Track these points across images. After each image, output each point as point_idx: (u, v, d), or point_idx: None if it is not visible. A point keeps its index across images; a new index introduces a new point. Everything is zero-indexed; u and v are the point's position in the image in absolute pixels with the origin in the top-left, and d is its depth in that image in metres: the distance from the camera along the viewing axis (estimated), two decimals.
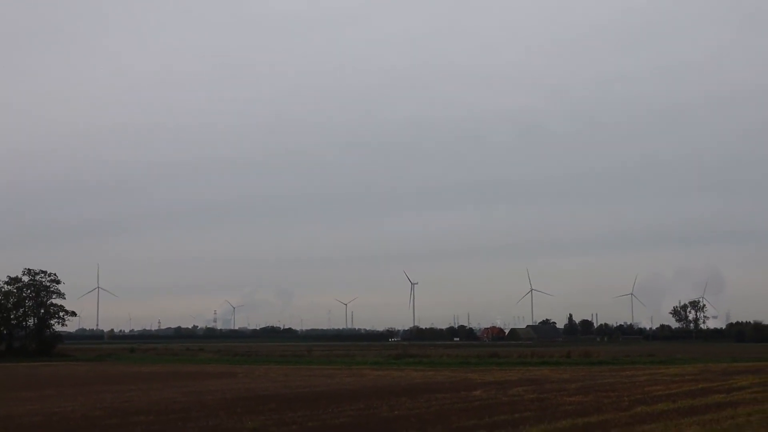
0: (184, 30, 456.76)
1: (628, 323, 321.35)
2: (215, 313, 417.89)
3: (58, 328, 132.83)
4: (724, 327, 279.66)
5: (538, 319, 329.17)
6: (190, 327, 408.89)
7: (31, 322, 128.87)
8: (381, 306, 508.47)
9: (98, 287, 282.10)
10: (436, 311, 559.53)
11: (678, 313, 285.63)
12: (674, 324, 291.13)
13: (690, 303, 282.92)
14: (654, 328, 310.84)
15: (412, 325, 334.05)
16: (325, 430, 24.64)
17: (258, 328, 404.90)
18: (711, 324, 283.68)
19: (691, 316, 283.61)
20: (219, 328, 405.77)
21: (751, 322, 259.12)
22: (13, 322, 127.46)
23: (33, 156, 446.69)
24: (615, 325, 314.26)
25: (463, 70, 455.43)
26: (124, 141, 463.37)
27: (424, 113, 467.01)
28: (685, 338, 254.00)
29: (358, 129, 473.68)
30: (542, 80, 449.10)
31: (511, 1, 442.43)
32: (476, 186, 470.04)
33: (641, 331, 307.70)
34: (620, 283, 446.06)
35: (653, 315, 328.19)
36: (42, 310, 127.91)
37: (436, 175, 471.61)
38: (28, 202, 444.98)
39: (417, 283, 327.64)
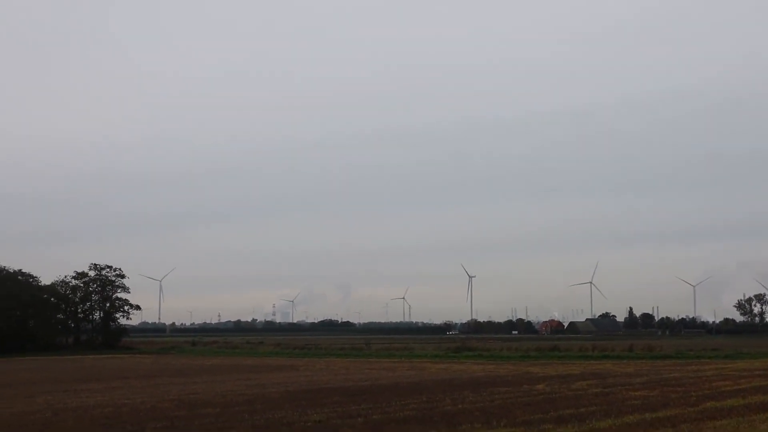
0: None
1: (691, 317, 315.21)
2: (274, 307, 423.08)
3: (122, 321, 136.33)
4: None
5: (598, 313, 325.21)
6: (249, 320, 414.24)
7: (97, 315, 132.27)
8: (438, 299, 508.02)
9: (160, 281, 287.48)
10: (494, 304, 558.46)
11: (743, 306, 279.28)
12: (738, 318, 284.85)
13: (755, 296, 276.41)
14: (717, 321, 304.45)
15: (469, 318, 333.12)
16: (390, 423, 24.70)
17: (316, 322, 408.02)
18: None
19: (757, 309, 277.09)
20: (278, 321, 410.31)
21: None
22: (81, 315, 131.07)
23: (98, 153, 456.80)
24: (677, 319, 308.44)
25: (518, 65, 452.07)
26: (186, 136, 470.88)
27: (478, 108, 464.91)
28: (750, 332, 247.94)
29: (412, 123, 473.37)
30: (600, 74, 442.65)
31: None
32: (534, 178, 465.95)
33: (704, 325, 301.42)
34: (683, 276, 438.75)
35: (716, 308, 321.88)
36: (108, 304, 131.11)
37: (494, 168, 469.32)
38: (93, 197, 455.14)
39: (475, 276, 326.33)
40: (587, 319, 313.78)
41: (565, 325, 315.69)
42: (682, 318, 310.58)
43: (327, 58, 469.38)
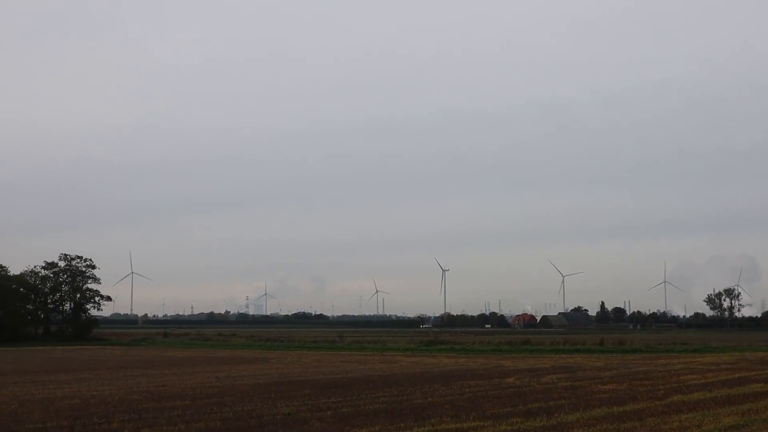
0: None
1: (662, 311, 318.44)
2: (247, 299, 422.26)
3: (93, 312, 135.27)
4: (759, 315, 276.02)
5: (570, 307, 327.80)
6: (222, 312, 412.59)
7: (67, 306, 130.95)
8: (412, 293, 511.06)
9: (132, 272, 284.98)
10: (467, 298, 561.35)
11: (712, 301, 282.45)
12: (708, 312, 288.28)
13: (725, 291, 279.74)
14: (688, 316, 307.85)
15: (443, 312, 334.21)
16: (359, 416, 24.67)
17: (290, 314, 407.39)
18: (746, 312, 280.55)
19: (726, 304, 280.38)
20: (251, 313, 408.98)
21: None
22: (50, 306, 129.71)
23: (70, 141, 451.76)
24: (648, 313, 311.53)
25: (495, 59, 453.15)
26: (163, 126, 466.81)
27: (453, 100, 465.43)
28: (719, 326, 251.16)
29: (386, 115, 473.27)
30: (575, 67, 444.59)
31: None
32: (508, 172, 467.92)
33: (674, 319, 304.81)
34: (654, 270, 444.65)
35: (687, 303, 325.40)
36: (78, 295, 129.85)
37: (467, 160, 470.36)
38: (65, 187, 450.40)
39: (448, 270, 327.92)
40: (560, 313, 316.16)
41: (538, 318, 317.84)
42: (653, 312, 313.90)
43: (307, 49, 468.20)
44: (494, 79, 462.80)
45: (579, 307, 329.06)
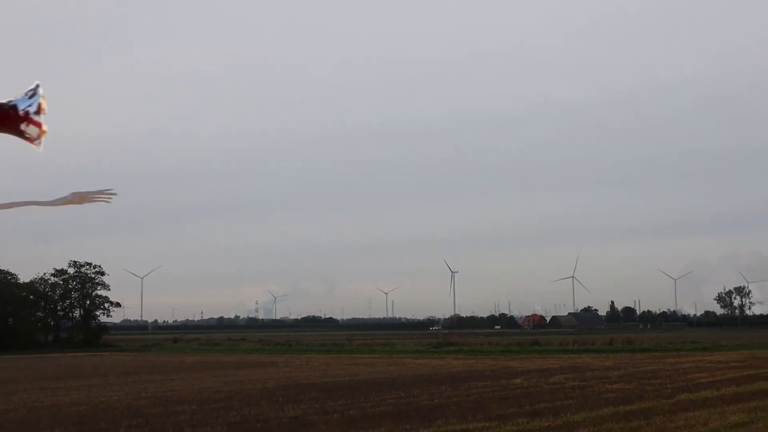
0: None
1: (672, 310, 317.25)
2: (257, 303, 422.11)
3: (103, 318, 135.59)
4: None
5: (580, 307, 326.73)
6: (232, 317, 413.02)
7: (77, 313, 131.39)
8: (421, 295, 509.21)
9: (142, 278, 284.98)
10: (477, 299, 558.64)
11: (723, 299, 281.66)
12: (719, 310, 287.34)
13: (735, 289, 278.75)
14: (698, 314, 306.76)
15: (452, 314, 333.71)
16: (365, 418, 24.71)
17: (299, 318, 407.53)
18: (757, 310, 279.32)
19: (737, 302, 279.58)
20: (260, 317, 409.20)
21: None
22: (60, 313, 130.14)
23: (78, 147, 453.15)
24: (658, 312, 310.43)
25: (502, 60, 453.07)
26: (171, 131, 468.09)
27: (464, 102, 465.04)
28: (730, 325, 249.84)
29: (398, 118, 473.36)
30: (586, 67, 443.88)
31: None
32: (519, 174, 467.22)
33: (685, 318, 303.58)
34: (664, 269, 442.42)
35: (697, 302, 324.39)
36: (87, 302, 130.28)
37: (476, 162, 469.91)
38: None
39: (457, 272, 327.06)
40: (569, 313, 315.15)
41: (548, 319, 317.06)
42: (664, 311, 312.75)
43: (317, 53, 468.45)
44: (505, 80, 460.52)
45: (589, 307, 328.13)
